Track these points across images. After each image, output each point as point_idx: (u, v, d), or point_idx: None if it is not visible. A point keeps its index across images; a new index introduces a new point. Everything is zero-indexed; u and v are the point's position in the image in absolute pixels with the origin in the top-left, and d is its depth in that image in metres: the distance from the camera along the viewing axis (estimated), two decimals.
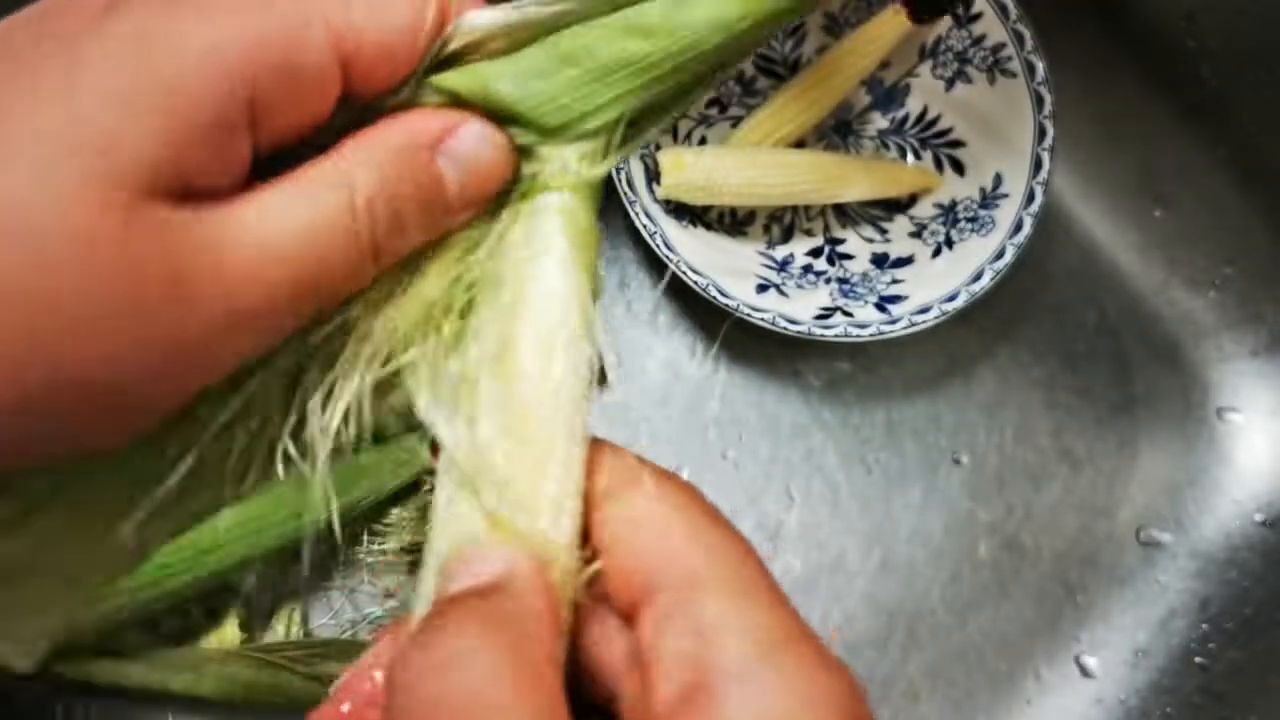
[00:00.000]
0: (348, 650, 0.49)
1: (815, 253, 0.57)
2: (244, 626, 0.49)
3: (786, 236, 0.58)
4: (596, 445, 0.23)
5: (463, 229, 0.23)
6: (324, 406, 0.22)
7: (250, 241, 0.19)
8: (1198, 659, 0.54)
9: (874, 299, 0.53)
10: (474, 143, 0.22)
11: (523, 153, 0.23)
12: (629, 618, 0.21)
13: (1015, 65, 0.53)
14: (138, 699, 0.47)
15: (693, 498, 0.22)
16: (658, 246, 0.51)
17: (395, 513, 0.51)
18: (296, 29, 0.19)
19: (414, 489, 0.51)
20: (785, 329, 0.51)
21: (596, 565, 0.21)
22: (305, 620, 0.50)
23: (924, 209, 0.57)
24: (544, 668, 0.19)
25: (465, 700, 0.18)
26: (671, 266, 0.50)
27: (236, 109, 0.19)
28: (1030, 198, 0.53)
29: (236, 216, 0.19)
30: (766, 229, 0.58)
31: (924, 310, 0.52)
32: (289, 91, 0.20)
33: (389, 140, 0.21)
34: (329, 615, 0.51)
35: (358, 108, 0.22)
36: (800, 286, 0.55)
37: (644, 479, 0.22)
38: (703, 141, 0.58)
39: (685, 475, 0.54)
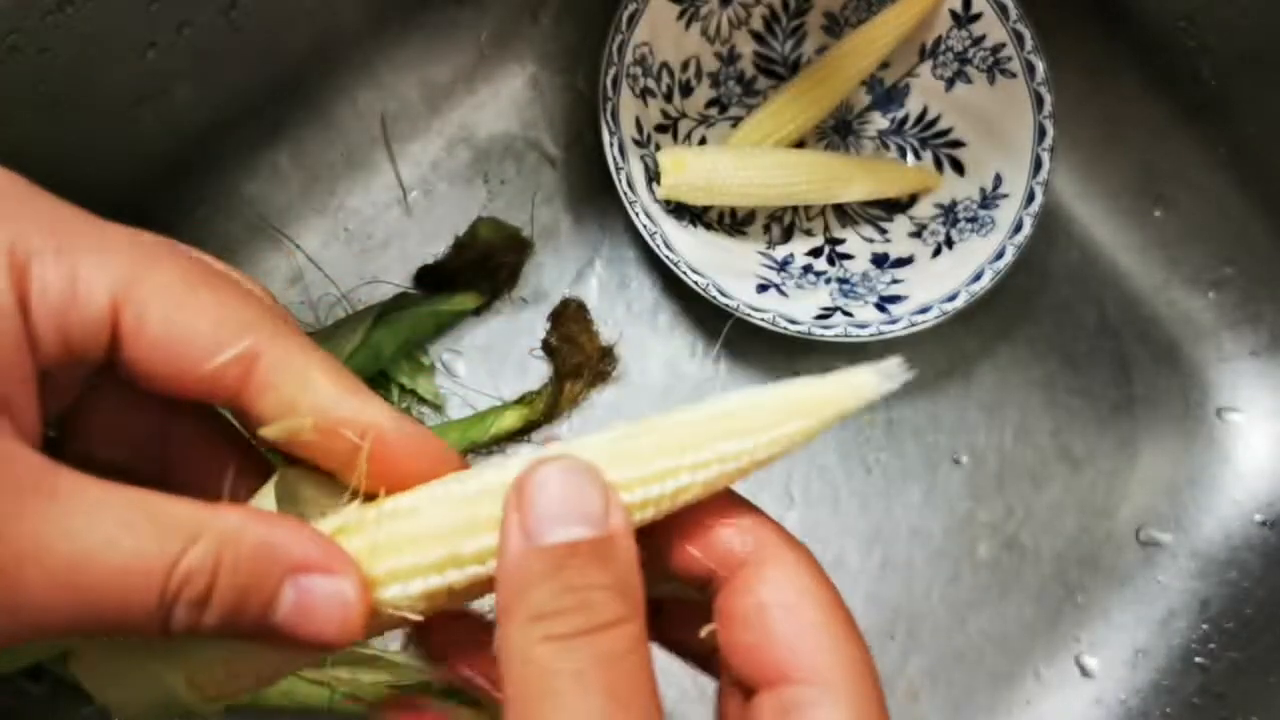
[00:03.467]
0: (352, 658, 0.49)
1: (815, 253, 0.57)
2: None
3: (786, 236, 0.58)
4: (741, 505, 0.24)
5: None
6: None
7: (72, 549, 0.18)
8: (1198, 659, 0.54)
9: (874, 299, 0.53)
10: (335, 601, 0.21)
11: None
12: (745, 687, 0.22)
13: (1015, 65, 0.53)
14: None
15: (839, 599, 0.23)
16: (658, 246, 0.51)
17: None
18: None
19: None
20: (785, 329, 0.51)
21: (711, 627, 0.23)
22: None
23: (924, 209, 0.57)
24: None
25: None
26: (671, 266, 0.50)
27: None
28: (1030, 198, 0.53)
29: (73, 505, 0.18)
30: (766, 229, 0.58)
31: (924, 310, 0.52)
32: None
33: (251, 536, 0.20)
34: None
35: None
36: (800, 286, 0.55)
37: (797, 565, 0.23)
38: (703, 141, 0.58)
39: None
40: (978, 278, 0.52)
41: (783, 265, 0.56)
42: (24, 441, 0.18)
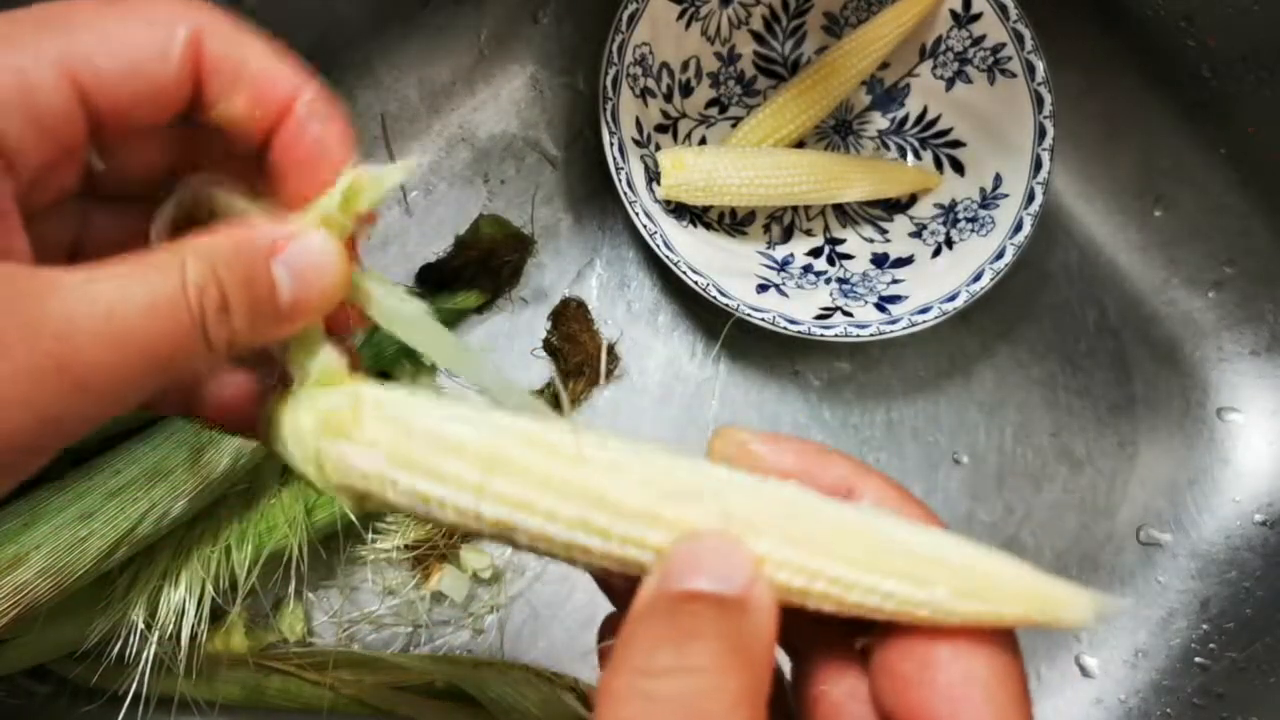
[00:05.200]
0: (356, 660, 0.49)
1: (815, 253, 0.57)
2: (246, 626, 0.49)
3: (786, 236, 0.58)
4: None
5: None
6: None
7: (100, 311, 0.19)
8: (1198, 659, 0.54)
9: (874, 299, 0.53)
10: (313, 255, 0.22)
11: None
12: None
13: (1015, 65, 0.53)
14: (146, 704, 0.47)
15: (1025, 691, 0.22)
16: (658, 246, 0.51)
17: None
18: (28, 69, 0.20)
19: None
20: (785, 329, 0.51)
21: (865, 638, 0.23)
22: (308, 619, 0.50)
23: (924, 209, 0.57)
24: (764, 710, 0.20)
25: None
26: (671, 266, 0.50)
27: None
28: (1030, 198, 0.53)
29: (82, 285, 0.19)
30: (766, 229, 0.58)
31: (924, 310, 0.52)
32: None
33: (225, 239, 0.21)
34: (330, 614, 0.51)
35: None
36: (800, 286, 0.55)
37: (988, 648, 0.22)
38: (703, 141, 0.58)
39: None
40: (978, 278, 0.52)
41: (783, 265, 0.56)
42: (13, 259, 0.20)
